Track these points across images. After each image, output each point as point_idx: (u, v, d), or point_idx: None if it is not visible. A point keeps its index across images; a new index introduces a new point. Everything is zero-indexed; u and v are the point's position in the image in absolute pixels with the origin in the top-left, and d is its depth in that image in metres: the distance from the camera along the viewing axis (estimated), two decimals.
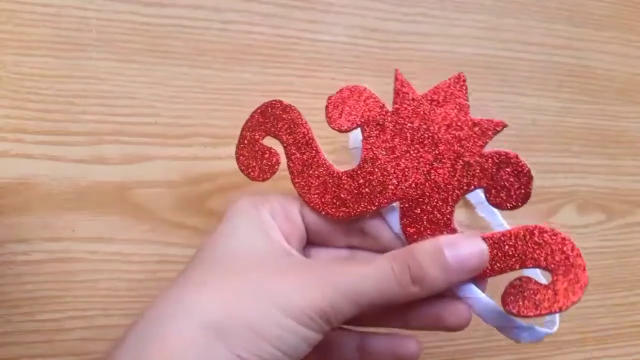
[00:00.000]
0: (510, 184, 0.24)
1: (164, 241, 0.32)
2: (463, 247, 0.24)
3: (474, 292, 0.25)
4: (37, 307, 0.30)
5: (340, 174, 0.26)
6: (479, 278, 0.25)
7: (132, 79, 0.33)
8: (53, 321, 0.30)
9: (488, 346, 0.37)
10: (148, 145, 0.32)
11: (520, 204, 0.24)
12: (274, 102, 0.27)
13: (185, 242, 0.32)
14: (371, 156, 0.26)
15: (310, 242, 0.28)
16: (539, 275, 0.26)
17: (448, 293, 0.25)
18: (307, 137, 0.27)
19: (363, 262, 0.24)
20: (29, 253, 0.30)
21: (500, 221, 0.31)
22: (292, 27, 0.36)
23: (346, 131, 0.27)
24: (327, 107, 0.27)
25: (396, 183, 0.26)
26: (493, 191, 0.25)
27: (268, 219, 0.26)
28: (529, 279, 0.24)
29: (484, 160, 0.25)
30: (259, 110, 0.28)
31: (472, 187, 0.25)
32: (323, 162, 0.27)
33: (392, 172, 0.26)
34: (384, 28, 0.38)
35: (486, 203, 0.25)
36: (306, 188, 0.27)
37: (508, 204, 0.24)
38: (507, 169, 0.24)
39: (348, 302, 0.23)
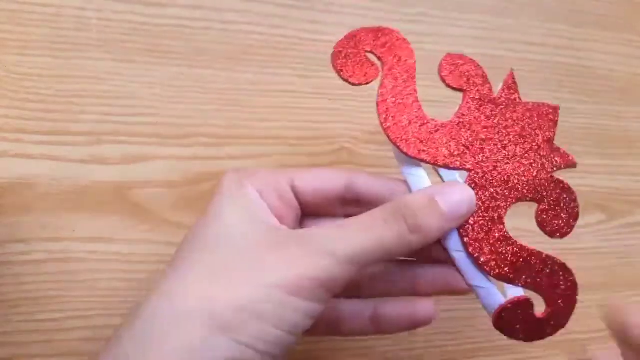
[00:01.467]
0: (562, 211, 0.26)
1: (163, 241, 0.32)
2: (453, 194, 0.24)
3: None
4: (36, 307, 0.30)
5: (428, 119, 0.26)
6: (503, 280, 0.25)
7: (131, 79, 0.33)
8: (53, 321, 0.30)
9: (488, 346, 0.37)
10: (148, 145, 0.32)
11: (565, 230, 0.26)
12: (390, 29, 0.27)
13: None
14: (467, 119, 0.26)
15: (305, 214, 0.27)
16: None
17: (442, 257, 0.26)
18: (410, 73, 0.26)
19: (353, 220, 0.23)
20: (29, 253, 0.30)
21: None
22: (292, 28, 0.36)
23: (451, 87, 0.27)
24: (441, 62, 0.27)
25: (478, 154, 0.26)
26: (545, 210, 0.26)
27: (255, 196, 0.25)
28: (529, 304, 0.25)
29: (549, 181, 0.26)
30: (370, 29, 0.27)
31: (528, 198, 0.26)
32: (415, 100, 0.26)
33: (478, 143, 0.26)
34: None
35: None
36: (389, 117, 0.26)
37: (554, 225, 0.26)
38: (564, 196, 0.26)
39: (345, 264, 0.22)
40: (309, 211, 0.27)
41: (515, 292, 0.25)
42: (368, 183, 0.26)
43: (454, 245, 0.25)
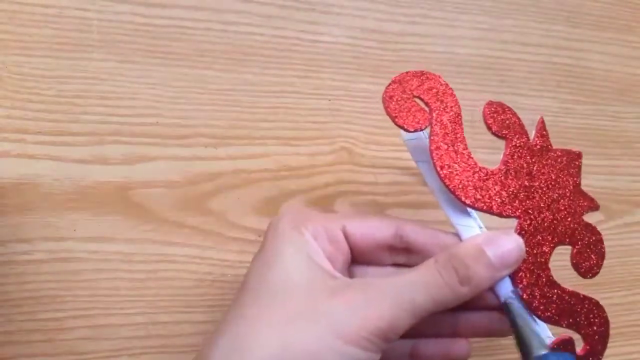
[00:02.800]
0: (592, 252, 0.27)
1: (164, 241, 0.32)
2: (502, 243, 0.25)
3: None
4: (38, 306, 0.30)
5: (479, 167, 0.27)
6: (549, 322, 0.26)
7: (133, 80, 0.33)
8: (54, 320, 0.30)
9: (489, 345, 0.37)
10: (149, 146, 0.33)
11: (595, 270, 0.28)
12: (433, 74, 0.27)
13: (186, 242, 0.32)
14: (511, 166, 0.27)
15: (355, 261, 0.28)
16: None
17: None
18: (457, 120, 0.27)
19: (409, 272, 0.24)
20: (31, 253, 0.30)
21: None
22: (292, 28, 0.36)
23: (494, 134, 0.27)
24: (485, 110, 0.27)
25: (524, 201, 0.27)
26: (579, 252, 0.27)
27: (312, 242, 0.25)
28: (572, 343, 0.26)
29: (581, 225, 0.28)
30: (413, 73, 0.27)
31: (566, 242, 0.27)
32: (465, 147, 0.27)
33: (524, 190, 0.27)
34: (384, 29, 0.38)
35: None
36: (445, 165, 0.26)
37: (587, 266, 0.27)
38: (593, 238, 0.28)
39: (403, 314, 0.23)
40: (358, 258, 0.27)
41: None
42: (416, 232, 0.27)
43: (505, 292, 0.26)
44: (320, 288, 0.24)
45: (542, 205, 0.27)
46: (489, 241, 0.24)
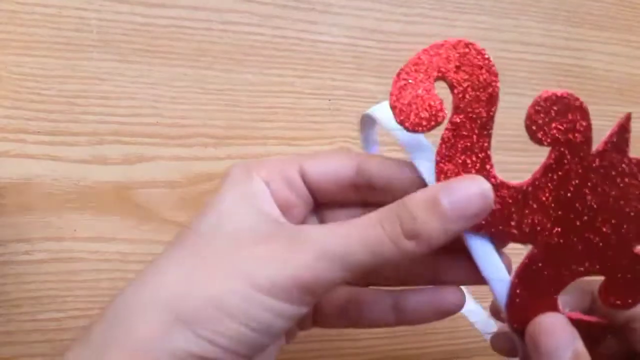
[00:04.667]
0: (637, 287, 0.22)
1: (164, 241, 0.32)
2: (461, 188, 0.20)
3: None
4: (38, 306, 0.30)
5: (496, 182, 0.21)
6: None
7: (132, 80, 0.33)
8: (54, 320, 0.30)
9: (487, 345, 0.37)
10: (149, 146, 0.33)
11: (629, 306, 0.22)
12: (472, 45, 0.21)
13: None
14: (541, 185, 0.21)
15: (319, 203, 0.25)
16: None
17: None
18: (491, 107, 0.22)
19: (352, 221, 0.21)
20: (31, 253, 0.30)
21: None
22: (292, 28, 0.36)
23: (538, 142, 0.22)
24: (537, 101, 0.22)
25: (546, 228, 0.22)
26: (613, 285, 0.22)
27: (260, 187, 0.23)
28: None
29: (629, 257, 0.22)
30: (450, 44, 0.21)
31: (600, 273, 0.22)
32: (485, 149, 0.21)
33: (549, 214, 0.22)
34: (384, 29, 0.38)
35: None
36: (446, 162, 0.21)
37: (621, 301, 0.22)
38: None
39: (331, 267, 0.20)
40: (323, 199, 0.24)
41: None
42: (380, 166, 0.23)
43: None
44: (249, 235, 0.21)
45: (573, 231, 0.21)
46: (445, 186, 0.20)
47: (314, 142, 0.35)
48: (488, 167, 0.21)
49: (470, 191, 0.20)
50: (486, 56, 0.22)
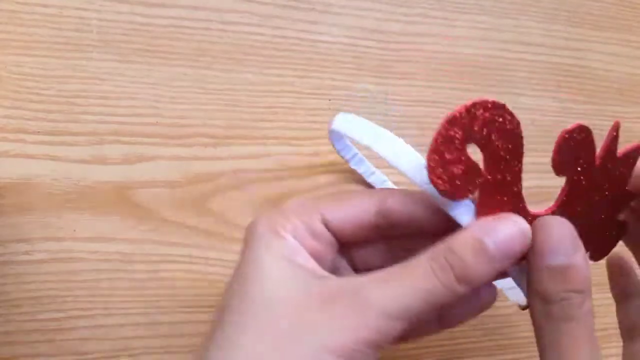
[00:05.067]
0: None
1: (164, 241, 0.32)
2: (503, 229, 0.21)
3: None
4: (38, 306, 0.30)
5: (529, 215, 0.23)
6: None
7: (132, 80, 0.33)
8: (54, 321, 0.30)
9: (488, 345, 0.37)
10: (149, 146, 0.33)
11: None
12: (496, 103, 0.21)
13: (186, 242, 0.32)
14: (567, 206, 0.24)
15: (345, 246, 0.26)
16: None
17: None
18: (518, 158, 0.22)
19: (399, 271, 0.22)
20: (30, 253, 0.30)
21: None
22: (292, 28, 0.36)
23: (559, 175, 0.23)
24: (559, 145, 0.23)
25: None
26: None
27: (292, 243, 0.23)
28: None
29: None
30: (478, 105, 0.21)
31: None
32: (518, 195, 0.23)
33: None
34: (384, 29, 0.38)
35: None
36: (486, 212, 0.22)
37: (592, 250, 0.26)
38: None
39: (393, 322, 0.21)
40: (347, 243, 0.25)
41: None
42: (400, 204, 0.24)
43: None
44: (307, 298, 0.22)
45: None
46: (486, 229, 0.21)
47: (314, 142, 0.35)
48: (522, 206, 0.23)
49: (512, 231, 0.22)
50: (508, 111, 0.21)
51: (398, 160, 0.23)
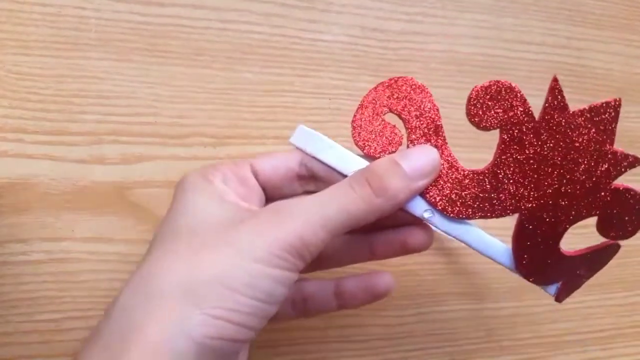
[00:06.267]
0: (628, 217, 0.25)
1: None
2: (415, 156, 0.25)
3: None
4: (36, 307, 0.30)
5: (466, 173, 0.25)
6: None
7: (131, 79, 0.33)
8: (52, 321, 0.30)
9: (488, 347, 0.37)
10: (147, 145, 0.32)
11: (629, 234, 0.26)
12: (405, 78, 0.26)
13: None
14: (504, 162, 0.25)
15: (270, 198, 0.27)
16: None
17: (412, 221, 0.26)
18: (435, 124, 0.25)
19: (323, 191, 0.24)
20: (28, 253, 0.30)
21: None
22: (292, 27, 0.36)
23: (484, 129, 0.25)
24: (469, 98, 0.24)
25: (524, 196, 0.25)
26: (606, 221, 0.25)
27: (221, 187, 0.25)
28: None
29: (608, 193, 0.25)
30: (386, 84, 0.26)
31: (589, 215, 0.25)
32: (448, 154, 0.25)
33: (523, 184, 0.25)
34: (384, 28, 0.38)
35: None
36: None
37: (619, 233, 0.26)
38: (630, 203, 0.25)
39: (316, 230, 0.22)
40: (272, 194, 0.27)
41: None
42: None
43: (419, 211, 0.25)
44: (230, 221, 0.23)
45: (553, 191, 0.24)
46: (401, 155, 0.25)
47: None
48: (455, 164, 0.25)
49: (424, 157, 0.25)
50: (414, 81, 0.25)
51: (342, 166, 0.26)
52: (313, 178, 0.27)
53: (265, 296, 0.21)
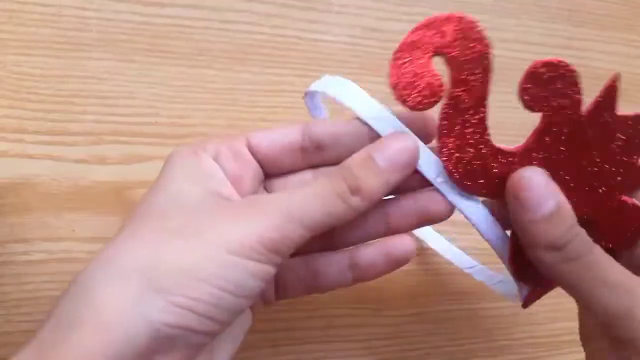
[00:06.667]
0: (624, 233, 0.24)
1: None
2: (389, 146, 0.23)
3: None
4: (37, 307, 0.30)
5: (494, 149, 0.23)
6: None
7: (131, 79, 0.33)
8: None
9: (488, 346, 0.37)
10: (148, 145, 0.32)
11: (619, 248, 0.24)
12: (470, 20, 0.23)
13: None
14: (536, 148, 0.23)
15: (269, 173, 0.26)
16: None
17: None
18: (486, 79, 0.23)
19: (303, 187, 0.23)
20: (29, 253, 0.30)
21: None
22: (292, 27, 0.36)
23: (530, 108, 0.23)
24: (529, 71, 0.23)
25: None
26: (604, 229, 0.24)
27: (210, 164, 0.24)
28: None
29: (617, 204, 0.24)
30: (444, 19, 0.22)
31: (589, 220, 0.24)
32: (484, 124, 0.23)
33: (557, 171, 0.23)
34: (385, 28, 0.38)
35: None
36: (447, 135, 0.23)
37: (609, 245, 0.24)
38: (633, 220, 0.24)
39: (293, 225, 0.21)
40: (272, 169, 0.26)
41: None
42: (326, 125, 0.25)
43: (433, 173, 0.24)
44: (207, 208, 0.22)
45: (564, 186, 0.23)
46: (376, 146, 0.23)
47: None
48: (486, 136, 0.23)
49: (400, 146, 0.23)
50: (479, 28, 0.22)
51: (362, 109, 0.24)
52: (318, 149, 0.25)
53: (234, 287, 0.20)
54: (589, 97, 0.24)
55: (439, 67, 0.22)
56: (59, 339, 0.19)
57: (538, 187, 0.22)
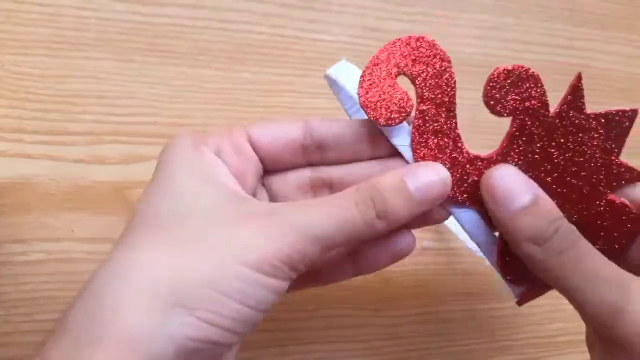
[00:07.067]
0: (617, 234, 0.24)
1: None
2: (424, 175, 0.23)
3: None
4: (35, 307, 0.30)
5: (470, 157, 0.24)
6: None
7: (131, 79, 0.33)
8: (52, 322, 0.30)
9: (488, 347, 0.37)
10: (147, 145, 0.32)
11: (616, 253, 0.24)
12: (425, 39, 0.23)
13: None
14: (510, 152, 0.24)
15: (268, 169, 0.25)
16: None
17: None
18: (450, 99, 0.23)
19: (325, 200, 0.22)
20: (28, 253, 0.30)
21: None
22: (292, 27, 0.36)
23: (497, 114, 0.23)
24: (490, 78, 0.23)
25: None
26: (595, 231, 0.24)
27: (212, 159, 0.23)
28: None
29: (604, 203, 0.24)
30: (404, 41, 0.23)
31: (578, 221, 0.24)
32: (455, 134, 0.23)
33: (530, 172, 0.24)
34: (384, 27, 0.38)
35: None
36: (421, 147, 0.23)
37: (605, 247, 0.24)
38: (622, 220, 0.24)
39: (313, 245, 0.21)
40: (271, 165, 0.25)
41: None
42: (328, 124, 0.24)
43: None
44: (223, 212, 0.21)
45: (547, 187, 0.23)
46: (411, 172, 0.22)
47: None
48: (460, 144, 0.24)
49: (433, 178, 0.23)
50: (437, 46, 0.24)
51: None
52: (319, 148, 0.25)
53: (255, 303, 0.20)
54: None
55: (406, 85, 0.23)
56: (79, 357, 0.19)
57: (508, 180, 0.23)
